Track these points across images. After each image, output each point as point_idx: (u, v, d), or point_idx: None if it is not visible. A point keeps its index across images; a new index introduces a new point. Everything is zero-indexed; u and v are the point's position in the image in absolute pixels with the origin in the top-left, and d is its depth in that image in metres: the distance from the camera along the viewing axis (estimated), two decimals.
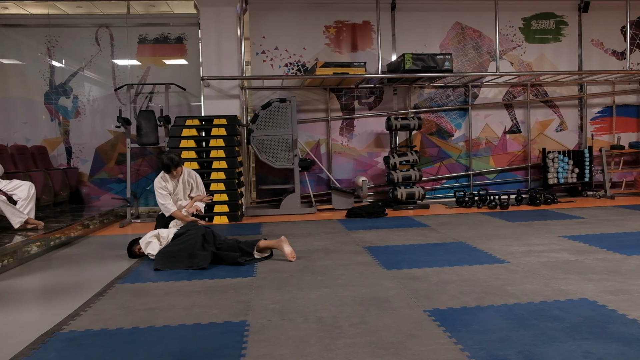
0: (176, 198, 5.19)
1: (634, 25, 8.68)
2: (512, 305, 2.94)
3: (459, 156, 8.55)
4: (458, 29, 8.40)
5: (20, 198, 5.41)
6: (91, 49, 8.09)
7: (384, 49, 7.90)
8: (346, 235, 5.43)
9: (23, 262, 4.57)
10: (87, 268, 4.37)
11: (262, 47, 8.05)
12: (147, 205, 8.01)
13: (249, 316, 2.90)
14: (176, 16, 8.24)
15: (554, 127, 8.73)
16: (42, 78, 8.04)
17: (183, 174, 5.20)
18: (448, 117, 8.50)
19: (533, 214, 6.62)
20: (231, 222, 6.77)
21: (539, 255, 4.20)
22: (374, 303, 3.06)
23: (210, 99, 7.51)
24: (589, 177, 8.39)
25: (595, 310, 2.82)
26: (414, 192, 7.49)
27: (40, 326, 2.83)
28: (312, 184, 8.03)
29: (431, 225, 5.91)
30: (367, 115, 8.31)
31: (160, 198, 5.04)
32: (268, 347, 2.43)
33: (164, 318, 2.92)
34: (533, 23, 8.56)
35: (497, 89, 8.58)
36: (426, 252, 4.48)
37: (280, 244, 4.33)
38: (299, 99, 8.05)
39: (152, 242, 4.44)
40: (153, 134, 7.24)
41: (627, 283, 3.32)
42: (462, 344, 2.39)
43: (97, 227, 6.44)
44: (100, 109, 8.12)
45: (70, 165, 8.06)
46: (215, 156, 6.91)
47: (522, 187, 8.51)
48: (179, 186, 5.18)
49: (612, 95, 8.81)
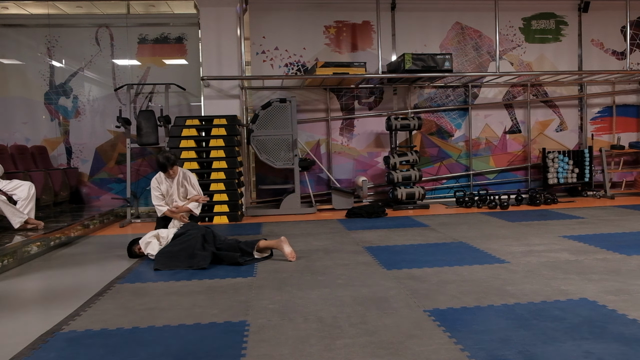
0: (171, 199, 5.16)
1: (634, 25, 8.68)
2: (512, 305, 2.94)
3: (459, 156, 8.55)
4: (458, 29, 8.40)
5: (20, 198, 5.41)
6: (91, 49, 8.09)
7: (384, 49, 7.90)
8: (346, 235, 5.43)
9: (23, 262, 4.56)
10: (87, 268, 4.37)
11: (262, 47, 8.05)
12: (147, 205, 8.00)
13: (249, 316, 2.89)
14: (176, 16, 8.24)
15: (554, 127, 8.73)
16: (42, 78, 8.04)
17: (178, 175, 5.17)
18: (448, 117, 8.50)
19: (533, 214, 6.62)
20: (231, 222, 6.77)
21: (539, 255, 4.20)
22: (374, 303, 3.06)
23: (210, 99, 7.50)
24: (589, 177, 8.38)
25: (595, 310, 2.82)
26: (414, 192, 7.49)
27: (40, 326, 2.83)
28: (312, 184, 8.03)
29: (431, 225, 5.91)
30: (367, 115, 8.31)
31: (155, 200, 5.09)
32: (268, 347, 2.43)
33: (164, 318, 2.92)
34: (533, 23, 8.56)
35: (497, 89, 8.58)
36: (426, 252, 4.48)
37: (280, 244, 4.33)
38: (299, 99, 8.05)
39: (151, 242, 4.45)
40: (153, 134, 7.24)
41: (627, 283, 3.32)
42: (462, 344, 2.39)
43: (97, 227, 6.44)
44: (100, 109, 8.12)
45: (70, 165, 8.06)
46: (215, 156, 6.91)
47: (522, 187, 8.51)
48: (173, 187, 5.14)
49: (612, 95, 8.81)
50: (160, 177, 5.11)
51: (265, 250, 4.40)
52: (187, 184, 5.22)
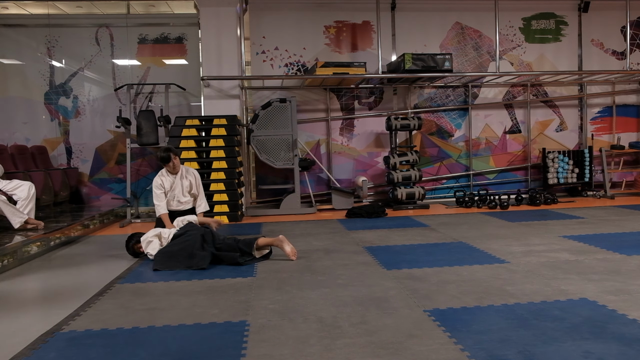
0: (173, 194, 5.18)
1: (634, 25, 8.68)
2: (512, 305, 2.94)
3: (459, 156, 8.55)
4: (458, 29, 8.40)
5: (20, 198, 5.41)
6: (91, 49, 8.09)
7: (384, 49, 7.89)
8: (346, 235, 5.43)
9: (23, 262, 4.56)
10: (87, 268, 4.37)
11: (262, 47, 8.05)
12: (147, 205, 8.00)
13: (249, 316, 2.90)
14: (176, 16, 8.24)
15: (554, 127, 8.73)
16: (42, 78, 8.04)
17: (181, 170, 5.21)
18: (448, 117, 8.50)
19: (533, 214, 6.62)
20: (231, 222, 6.77)
21: (539, 255, 4.20)
22: (374, 303, 3.06)
23: (210, 99, 7.50)
24: (589, 177, 8.38)
25: (595, 310, 2.82)
26: (414, 192, 7.49)
27: (41, 326, 2.83)
28: (312, 184, 8.03)
29: (431, 225, 5.91)
30: (367, 115, 8.31)
31: (155, 198, 5.09)
32: (268, 347, 2.43)
33: (164, 318, 2.92)
34: (533, 23, 8.56)
35: (497, 89, 8.58)
36: (426, 252, 4.48)
37: (280, 243, 4.33)
38: (299, 99, 8.05)
39: (153, 242, 4.44)
40: (153, 134, 7.24)
41: (627, 283, 3.32)
42: (462, 344, 2.39)
43: (97, 227, 6.44)
44: (100, 109, 8.12)
45: (70, 165, 8.06)
46: (215, 156, 6.91)
47: (522, 187, 8.51)
48: (176, 182, 5.17)
49: (612, 95, 8.81)
50: (163, 174, 5.15)
51: (264, 248, 4.40)
52: (191, 179, 5.26)
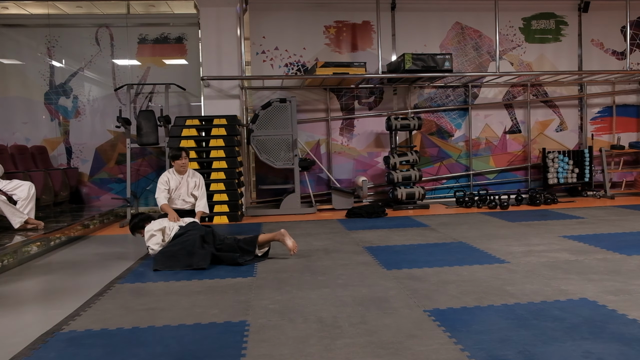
0: (178, 193, 5.25)
1: (634, 25, 8.68)
2: (512, 305, 2.94)
3: (459, 156, 8.55)
4: (458, 29, 8.40)
5: (20, 198, 5.41)
6: (91, 49, 8.09)
7: (384, 49, 7.89)
8: (346, 235, 5.43)
9: (23, 262, 4.56)
10: (87, 268, 4.37)
11: (262, 47, 8.05)
12: (147, 205, 8.01)
13: (249, 316, 2.89)
14: (176, 16, 8.24)
15: (554, 127, 8.73)
16: (42, 78, 8.04)
17: (188, 172, 5.31)
18: (448, 117, 8.50)
19: (533, 214, 6.62)
20: (231, 222, 6.77)
21: (539, 255, 4.20)
22: (374, 303, 3.06)
23: (210, 99, 7.50)
24: (589, 177, 8.38)
25: (595, 310, 2.82)
26: (414, 192, 7.49)
27: (40, 326, 2.83)
28: (312, 184, 8.03)
29: (431, 225, 5.91)
30: (367, 115, 8.31)
31: (158, 192, 5.15)
32: (268, 347, 2.43)
33: (164, 318, 2.92)
34: (533, 23, 8.56)
35: (497, 89, 8.58)
36: (426, 252, 4.48)
37: (282, 237, 4.31)
38: (299, 99, 8.05)
39: (156, 236, 4.42)
40: (153, 134, 7.25)
41: (627, 283, 3.32)
42: (462, 344, 2.39)
43: (97, 227, 6.44)
44: (100, 109, 8.12)
45: (70, 165, 8.06)
46: (215, 156, 6.91)
47: (522, 187, 8.51)
48: (182, 182, 5.25)
49: (612, 95, 8.81)
50: (170, 173, 5.23)
51: (265, 245, 4.39)
52: (196, 180, 5.36)
